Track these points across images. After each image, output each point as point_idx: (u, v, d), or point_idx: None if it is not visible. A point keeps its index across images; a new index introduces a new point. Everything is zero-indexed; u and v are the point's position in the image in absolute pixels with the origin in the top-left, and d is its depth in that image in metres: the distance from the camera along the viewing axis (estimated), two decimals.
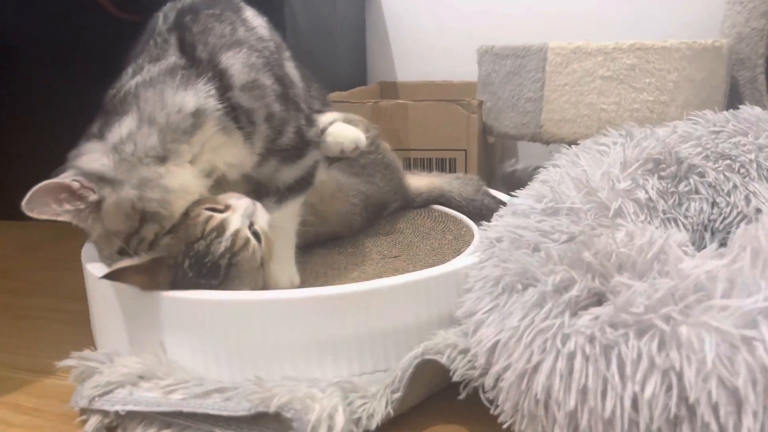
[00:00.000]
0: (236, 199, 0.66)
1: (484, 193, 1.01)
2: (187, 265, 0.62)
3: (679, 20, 1.45)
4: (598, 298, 0.46)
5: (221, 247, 0.62)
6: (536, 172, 0.67)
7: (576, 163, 0.66)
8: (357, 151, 0.88)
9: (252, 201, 0.67)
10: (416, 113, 1.24)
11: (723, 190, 0.67)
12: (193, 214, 0.63)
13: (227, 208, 0.64)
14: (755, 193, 0.66)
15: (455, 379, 0.57)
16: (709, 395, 0.37)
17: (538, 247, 0.53)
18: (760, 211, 0.65)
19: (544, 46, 1.12)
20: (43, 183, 0.59)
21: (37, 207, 0.59)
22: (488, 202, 0.98)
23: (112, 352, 0.64)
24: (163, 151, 0.63)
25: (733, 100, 1.21)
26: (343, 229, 0.90)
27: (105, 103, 0.66)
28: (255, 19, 0.75)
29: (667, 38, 1.07)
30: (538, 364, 0.45)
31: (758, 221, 0.45)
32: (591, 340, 0.43)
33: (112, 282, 0.67)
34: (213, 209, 0.64)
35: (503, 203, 0.65)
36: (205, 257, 0.62)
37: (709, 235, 0.68)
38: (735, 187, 0.67)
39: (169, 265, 0.62)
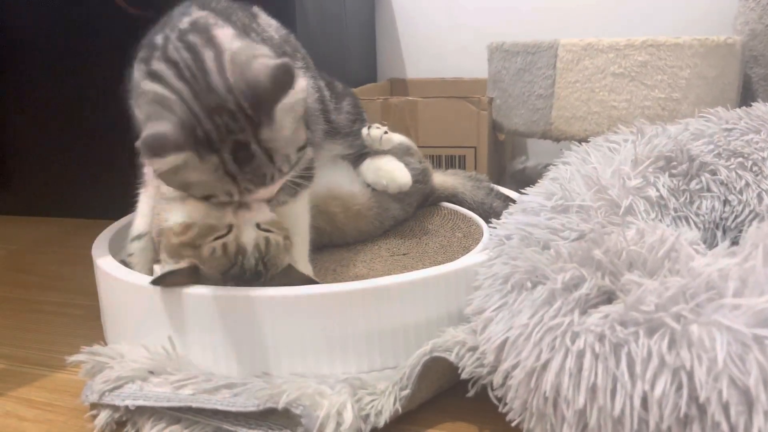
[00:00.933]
0: (231, 215, 0.64)
1: (495, 196, 1.01)
2: (231, 284, 0.63)
3: (691, 16, 1.44)
4: (608, 297, 0.46)
5: (252, 261, 0.63)
6: (546, 170, 0.67)
7: (586, 160, 0.66)
8: (399, 194, 0.90)
9: (244, 205, 0.65)
10: (426, 110, 1.23)
11: (735, 188, 0.67)
12: (208, 250, 0.62)
13: (230, 227, 0.63)
14: None
15: (464, 376, 0.57)
16: (720, 394, 0.37)
17: (547, 245, 0.53)
18: None
19: (555, 43, 1.11)
20: None
21: None
22: (497, 206, 0.98)
23: (122, 348, 0.64)
24: None
25: (746, 97, 1.20)
26: (357, 239, 0.90)
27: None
28: (267, 27, 0.75)
29: (679, 35, 1.06)
30: (547, 362, 0.45)
31: None
32: (601, 339, 0.43)
33: (122, 278, 0.67)
34: (220, 237, 0.63)
35: (513, 202, 0.65)
36: (243, 275, 0.63)
37: (720, 233, 0.67)
38: (747, 185, 0.66)
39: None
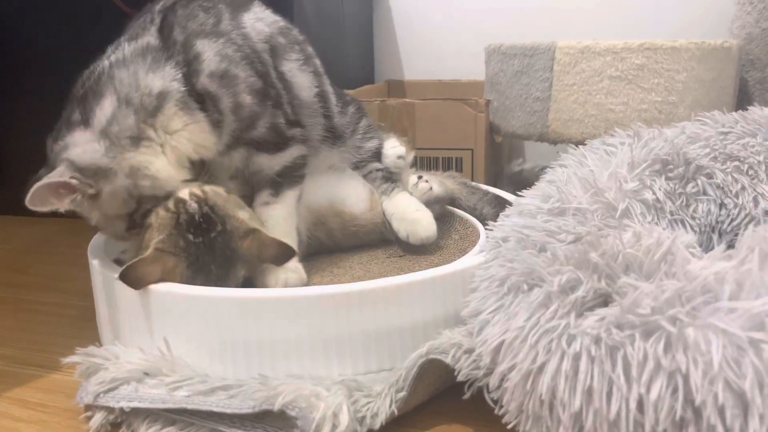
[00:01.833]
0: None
1: (486, 202, 1.00)
2: (198, 254, 0.65)
3: (688, 20, 1.44)
4: (605, 299, 0.46)
5: (194, 205, 0.66)
6: (543, 172, 0.67)
7: (583, 163, 0.66)
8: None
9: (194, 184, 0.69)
10: (423, 112, 1.23)
11: (731, 192, 0.67)
12: (154, 216, 0.66)
13: (169, 195, 0.68)
14: (763, 195, 0.66)
15: (460, 378, 0.57)
16: (716, 398, 0.37)
17: (544, 248, 0.53)
18: None
19: (553, 46, 1.12)
20: (42, 182, 0.63)
21: (38, 203, 0.63)
22: (487, 212, 0.98)
23: (117, 349, 0.64)
24: (137, 131, 0.66)
25: (743, 101, 1.21)
26: (355, 246, 0.89)
27: (78, 85, 0.69)
28: (255, 22, 0.76)
29: (676, 38, 1.06)
30: (544, 364, 0.45)
31: (766, 223, 0.45)
32: (597, 341, 0.43)
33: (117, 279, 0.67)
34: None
35: (510, 205, 0.65)
36: (192, 223, 0.65)
37: (716, 236, 0.67)
38: (743, 188, 0.66)
39: (172, 252, 0.64)
